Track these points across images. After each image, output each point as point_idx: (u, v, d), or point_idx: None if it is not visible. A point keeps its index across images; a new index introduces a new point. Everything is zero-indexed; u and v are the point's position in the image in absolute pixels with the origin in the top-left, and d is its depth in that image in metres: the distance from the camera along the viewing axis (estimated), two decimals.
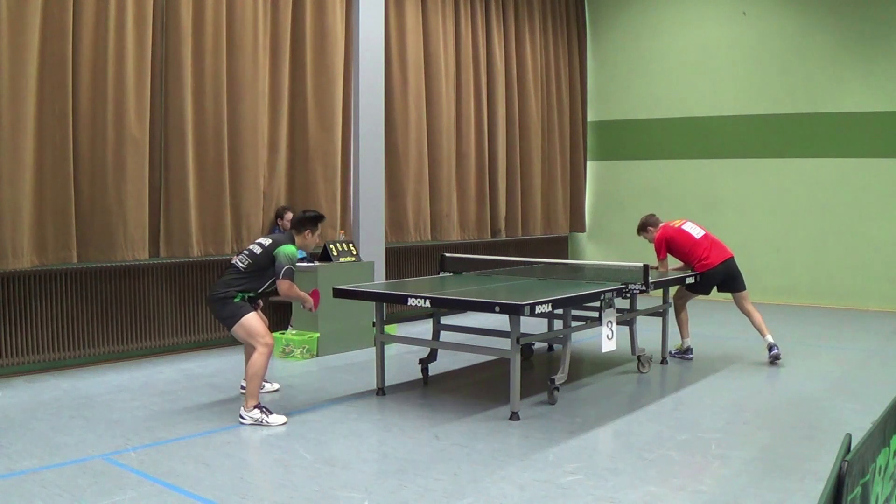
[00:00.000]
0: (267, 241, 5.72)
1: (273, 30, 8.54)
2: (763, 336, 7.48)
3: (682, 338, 7.75)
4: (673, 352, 7.74)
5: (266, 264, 5.60)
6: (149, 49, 7.40)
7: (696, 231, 7.58)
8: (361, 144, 9.23)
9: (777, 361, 7.35)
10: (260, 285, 5.67)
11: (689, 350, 7.71)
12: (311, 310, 5.90)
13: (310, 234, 5.82)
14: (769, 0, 11.83)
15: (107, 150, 7.16)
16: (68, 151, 6.91)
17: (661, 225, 7.75)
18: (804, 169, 11.60)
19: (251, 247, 5.77)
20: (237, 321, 5.52)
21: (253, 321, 5.54)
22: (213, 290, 5.68)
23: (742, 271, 7.62)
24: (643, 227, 7.83)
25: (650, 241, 7.78)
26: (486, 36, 11.31)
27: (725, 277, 7.53)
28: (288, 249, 5.59)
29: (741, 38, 12.04)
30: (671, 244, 7.58)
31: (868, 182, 11.14)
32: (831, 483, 1.86)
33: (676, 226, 7.65)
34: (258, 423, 5.38)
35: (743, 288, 7.59)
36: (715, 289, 7.62)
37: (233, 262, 5.76)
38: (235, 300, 5.56)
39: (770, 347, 7.38)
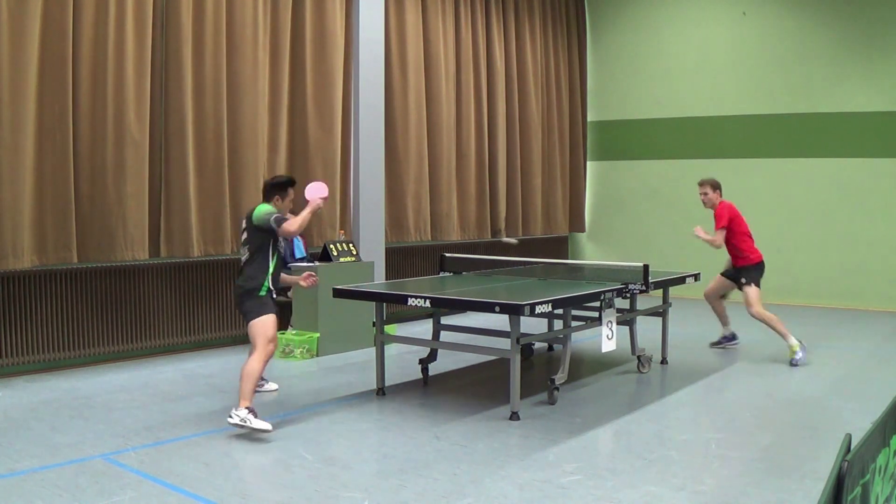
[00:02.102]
0: (244, 222, 5.62)
1: (273, 30, 8.54)
2: (726, 325, 8.06)
3: (789, 337, 7.50)
4: (795, 359, 7.41)
5: (260, 239, 5.46)
6: (149, 49, 7.40)
7: (747, 225, 7.75)
8: (361, 144, 9.23)
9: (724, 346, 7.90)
10: (269, 263, 5.48)
11: (733, 336, 8.07)
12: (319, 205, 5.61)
13: (279, 200, 5.62)
14: (769, 0, 11.83)
15: (107, 149, 7.16)
16: (68, 151, 6.91)
17: (722, 201, 7.73)
18: (804, 169, 11.60)
19: (241, 234, 5.67)
20: (255, 317, 5.40)
21: (267, 323, 5.40)
22: (238, 282, 5.58)
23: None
24: (714, 186, 7.74)
25: (706, 201, 7.73)
26: (486, 36, 11.30)
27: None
28: (262, 208, 5.46)
29: (741, 38, 12.04)
30: (732, 221, 7.57)
31: (868, 182, 11.14)
32: (831, 483, 1.86)
33: (737, 209, 7.73)
34: (242, 423, 5.13)
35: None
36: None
37: (240, 258, 5.63)
38: (261, 293, 5.43)
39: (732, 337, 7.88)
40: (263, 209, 5.46)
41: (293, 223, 5.38)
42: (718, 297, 7.98)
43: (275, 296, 5.56)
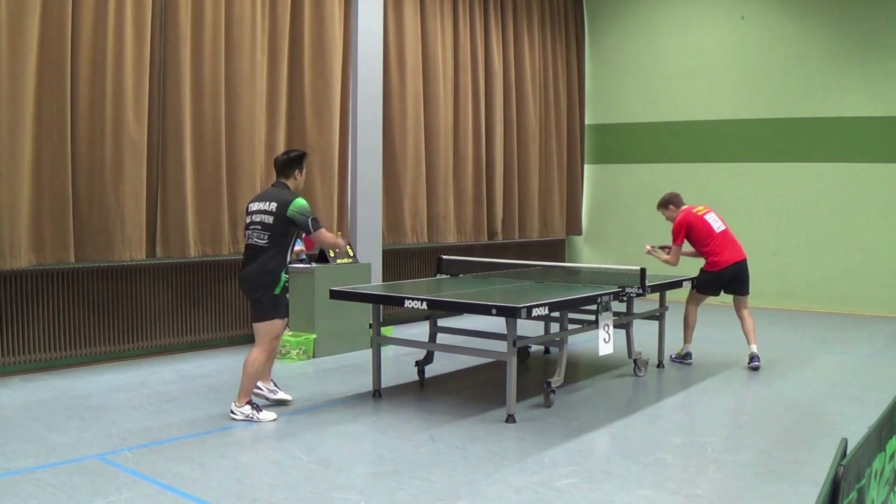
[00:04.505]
0: (271, 205, 5.46)
1: (271, 31, 8.54)
2: (749, 344, 7.47)
3: (685, 342, 7.72)
4: (672, 356, 7.73)
5: (284, 230, 5.43)
6: (147, 49, 7.40)
7: (716, 224, 7.51)
8: (359, 146, 9.22)
9: (754, 371, 7.31)
10: (287, 252, 5.51)
11: (688, 355, 7.68)
12: (347, 254, 6.01)
13: (299, 174, 5.70)
14: (767, 4, 11.85)
15: (105, 149, 7.16)
16: (66, 151, 6.90)
17: (685, 208, 7.63)
18: (802, 173, 11.62)
19: (257, 218, 5.49)
20: (267, 318, 5.48)
21: (276, 326, 5.53)
22: (250, 271, 5.49)
23: None
24: (665, 204, 7.71)
25: (668, 220, 7.71)
26: (485, 39, 11.31)
27: (734, 279, 7.50)
28: (299, 203, 5.42)
29: (739, 42, 12.06)
30: (690, 231, 7.49)
31: (866, 187, 11.16)
32: (827, 487, 1.87)
33: (699, 213, 7.54)
34: (248, 419, 5.41)
35: (746, 293, 7.56)
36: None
37: (250, 242, 5.53)
38: (277, 291, 5.44)
39: (752, 357, 7.36)
40: (302, 204, 5.44)
41: (330, 237, 5.66)
42: (742, 311, 7.64)
43: (289, 294, 5.63)
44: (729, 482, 4.46)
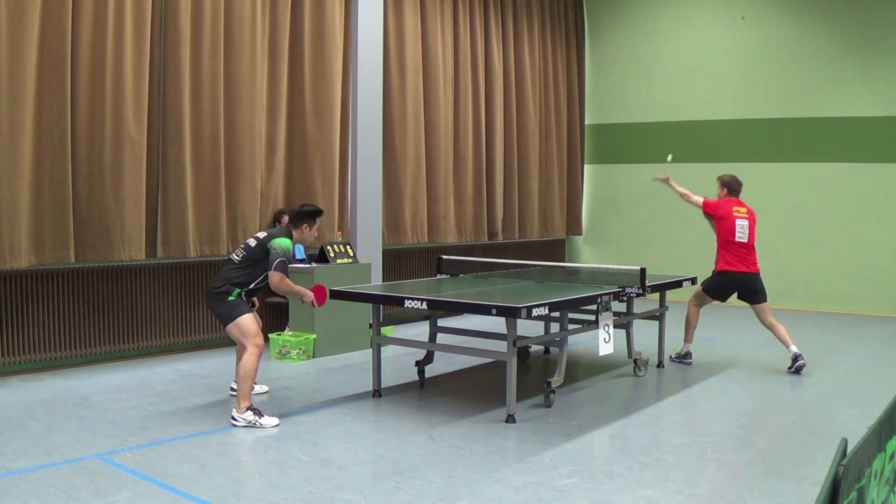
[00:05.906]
0: (262, 235, 5.73)
1: (272, 31, 8.54)
2: (787, 347, 7.34)
3: (685, 342, 7.73)
4: (672, 356, 7.74)
5: (260, 257, 5.58)
6: (147, 49, 7.40)
7: (742, 233, 7.39)
8: (359, 146, 9.22)
9: (800, 371, 7.20)
10: (253, 279, 5.63)
11: (688, 355, 7.69)
12: (312, 305, 5.79)
13: (307, 229, 5.74)
14: (767, 4, 11.85)
15: (105, 150, 7.16)
16: (66, 151, 6.90)
17: (730, 199, 7.58)
18: (802, 173, 11.62)
19: (248, 240, 5.79)
20: (232, 320, 5.52)
21: (247, 321, 5.54)
22: (210, 284, 5.73)
23: None
24: (721, 182, 7.73)
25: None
26: (485, 38, 11.32)
27: (744, 289, 7.48)
28: (282, 242, 5.53)
29: (739, 42, 12.06)
30: (717, 217, 7.44)
31: (865, 186, 11.16)
32: (827, 487, 1.87)
33: (735, 214, 7.43)
34: (251, 425, 5.37)
35: (762, 301, 7.47)
36: (735, 295, 7.61)
37: (228, 257, 5.78)
38: (231, 297, 5.55)
39: (795, 358, 7.23)
40: (284, 244, 5.52)
41: (282, 282, 5.47)
42: (766, 320, 7.54)
43: (244, 298, 5.68)
44: (729, 482, 4.46)
